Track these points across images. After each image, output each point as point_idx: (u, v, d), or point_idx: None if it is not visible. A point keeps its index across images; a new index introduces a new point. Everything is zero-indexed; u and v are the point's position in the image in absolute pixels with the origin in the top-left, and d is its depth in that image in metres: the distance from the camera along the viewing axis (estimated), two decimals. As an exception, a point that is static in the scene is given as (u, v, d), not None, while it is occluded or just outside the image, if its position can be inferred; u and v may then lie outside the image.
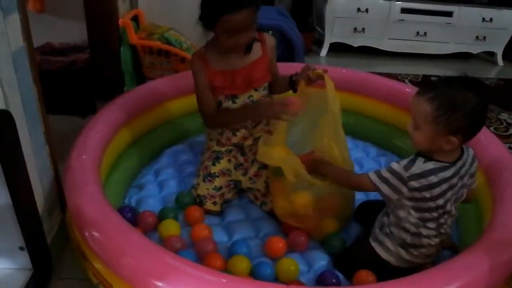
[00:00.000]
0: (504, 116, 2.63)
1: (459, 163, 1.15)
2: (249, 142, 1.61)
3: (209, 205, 1.54)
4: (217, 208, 1.55)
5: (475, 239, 1.13)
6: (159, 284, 0.94)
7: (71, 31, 2.46)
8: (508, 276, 1.12)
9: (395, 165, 1.15)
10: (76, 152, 1.34)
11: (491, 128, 2.45)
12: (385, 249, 1.26)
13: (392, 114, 1.96)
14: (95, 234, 1.08)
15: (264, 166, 1.57)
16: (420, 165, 1.12)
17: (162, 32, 2.37)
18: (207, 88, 1.50)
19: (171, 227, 1.41)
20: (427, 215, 1.17)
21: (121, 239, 1.05)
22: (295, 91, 1.51)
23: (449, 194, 1.14)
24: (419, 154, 1.16)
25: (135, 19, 2.41)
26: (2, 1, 1.03)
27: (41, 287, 1.24)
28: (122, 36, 2.26)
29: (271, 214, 1.54)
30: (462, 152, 1.17)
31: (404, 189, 1.13)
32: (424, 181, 1.11)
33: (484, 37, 3.47)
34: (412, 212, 1.18)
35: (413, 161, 1.14)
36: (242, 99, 1.53)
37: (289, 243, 1.40)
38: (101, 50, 2.26)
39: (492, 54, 3.62)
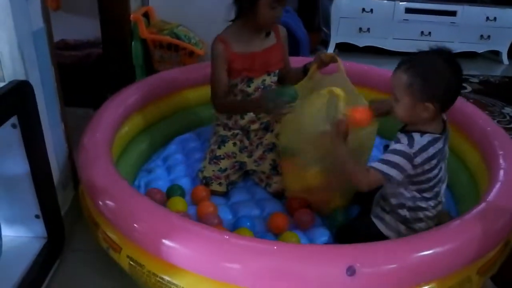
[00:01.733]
0: (507, 110, 2.67)
1: (446, 134, 1.20)
2: (255, 126, 1.67)
3: (215, 186, 1.61)
4: (222, 188, 1.61)
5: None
6: (167, 242, 1.00)
7: (84, 28, 2.57)
8: (502, 242, 1.17)
9: (398, 146, 1.16)
10: (89, 131, 1.42)
11: (494, 121, 2.49)
12: (386, 224, 1.30)
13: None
14: (107, 201, 1.15)
15: (269, 150, 1.64)
16: (419, 139, 1.14)
17: (171, 28, 2.46)
18: (224, 71, 1.56)
19: (178, 204, 1.47)
20: (424, 186, 1.21)
21: (131, 205, 1.11)
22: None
23: (441, 163, 1.20)
24: (405, 130, 1.19)
25: (146, 16, 2.50)
26: (24, -17, 1.11)
27: (54, 254, 1.30)
28: (134, 31, 2.35)
29: (275, 195, 1.60)
30: (445, 123, 1.21)
31: (409, 167, 1.15)
32: (425, 154, 1.14)
33: (489, 36, 3.51)
34: (410, 186, 1.22)
35: (411, 138, 1.15)
36: (256, 83, 1.60)
37: (294, 221, 1.46)
38: (113, 45, 2.35)
39: (497, 53, 3.65)
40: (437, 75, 1.10)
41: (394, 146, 1.17)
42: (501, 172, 1.29)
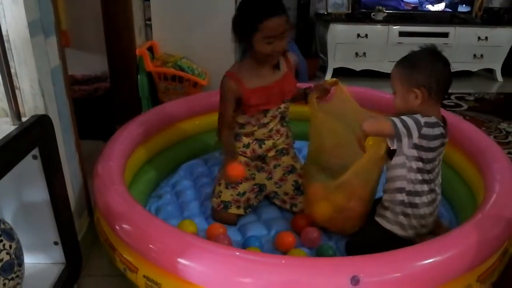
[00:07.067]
0: (503, 125, 2.75)
1: (446, 129, 1.32)
2: (272, 153, 1.70)
3: (233, 209, 1.63)
4: (240, 211, 1.64)
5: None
6: (182, 261, 1.06)
7: (92, 63, 2.68)
8: (500, 250, 1.22)
9: (413, 115, 1.29)
10: (102, 160, 1.49)
11: (491, 136, 2.56)
12: (387, 220, 1.39)
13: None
14: (124, 224, 1.21)
15: (289, 172, 1.69)
16: (428, 118, 1.28)
17: (175, 60, 2.57)
18: (231, 105, 1.57)
19: (189, 227, 1.53)
20: (425, 166, 1.30)
21: (146, 226, 1.18)
22: (307, 102, 1.65)
23: (440, 150, 1.31)
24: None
25: (150, 49, 2.62)
26: (44, 25, 1.21)
27: (72, 280, 1.35)
28: (139, 65, 2.46)
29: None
30: (445, 120, 1.34)
31: (415, 134, 1.26)
32: (430, 131, 1.27)
33: (482, 55, 3.62)
34: (412, 163, 1.30)
35: (421, 115, 1.28)
36: (272, 112, 1.62)
37: (301, 240, 1.51)
38: (120, 78, 2.46)
39: (491, 71, 3.76)
40: (421, 63, 1.29)
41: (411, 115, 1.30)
42: (496, 184, 1.35)
